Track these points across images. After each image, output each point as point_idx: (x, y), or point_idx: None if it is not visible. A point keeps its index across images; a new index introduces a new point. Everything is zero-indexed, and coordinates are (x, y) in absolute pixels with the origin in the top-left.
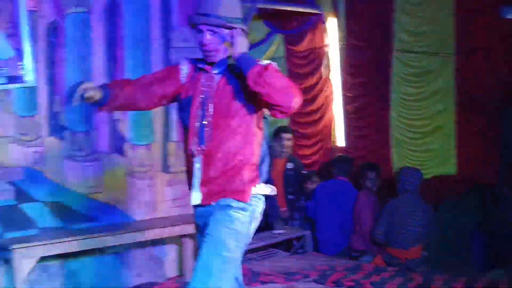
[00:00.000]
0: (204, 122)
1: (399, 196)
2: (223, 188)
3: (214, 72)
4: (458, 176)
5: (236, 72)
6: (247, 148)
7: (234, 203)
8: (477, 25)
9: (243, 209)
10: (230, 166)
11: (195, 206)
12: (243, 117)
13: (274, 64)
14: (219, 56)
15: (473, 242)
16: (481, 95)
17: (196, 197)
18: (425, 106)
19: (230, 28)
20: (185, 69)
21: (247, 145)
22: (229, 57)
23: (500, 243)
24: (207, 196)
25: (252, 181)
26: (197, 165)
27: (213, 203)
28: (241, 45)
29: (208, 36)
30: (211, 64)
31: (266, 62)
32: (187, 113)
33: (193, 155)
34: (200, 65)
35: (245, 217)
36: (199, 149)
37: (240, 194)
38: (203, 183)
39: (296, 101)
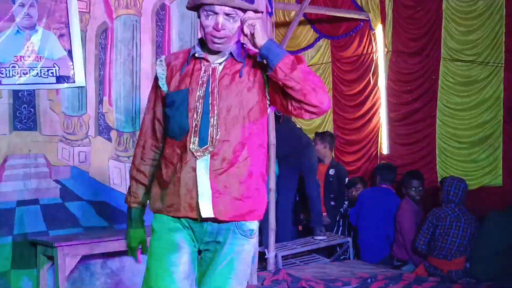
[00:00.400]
0: (209, 119)
1: (442, 206)
2: (239, 201)
3: (217, 61)
4: (504, 187)
5: (253, 62)
6: (261, 152)
7: (254, 226)
8: None
9: (255, 230)
10: (245, 174)
11: (194, 219)
12: (256, 115)
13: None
14: (229, 45)
15: None
16: None
17: (207, 209)
18: (472, 116)
19: (251, 10)
20: (160, 69)
21: (261, 149)
22: (242, 45)
23: None
24: (221, 210)
25: (265, 196)
26: (202, 170)
27: (227, 220)
28: (263, 32)
29: (222, 20)
30: (215, 53)
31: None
32: (182, 109)
33: (195, 158)
34: (198, 53)
35: (256, 238)
36: (202, 150)
37: (258, 213)
38: (214, 193)
39: (329, 103)
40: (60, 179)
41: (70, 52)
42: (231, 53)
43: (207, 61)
